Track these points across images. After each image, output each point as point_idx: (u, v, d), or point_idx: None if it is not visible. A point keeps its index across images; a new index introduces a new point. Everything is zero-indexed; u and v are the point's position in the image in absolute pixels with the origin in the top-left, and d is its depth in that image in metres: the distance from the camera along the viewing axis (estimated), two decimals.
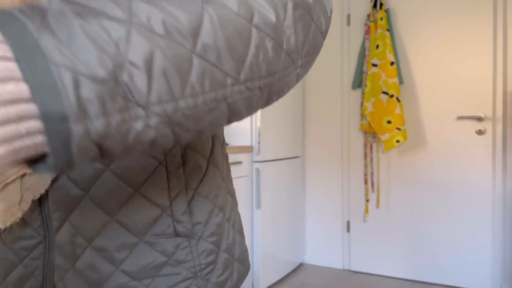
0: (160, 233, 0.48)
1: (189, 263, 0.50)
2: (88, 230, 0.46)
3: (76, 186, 0.46)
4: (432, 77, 2.65)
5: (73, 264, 0.47)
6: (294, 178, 2.89)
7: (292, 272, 2.91)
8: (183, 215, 0.49)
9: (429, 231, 2.66)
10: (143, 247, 0.47)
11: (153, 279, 0.48)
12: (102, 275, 0.46)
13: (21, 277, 0.47)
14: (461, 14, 2.55)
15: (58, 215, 0.47)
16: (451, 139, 2.60)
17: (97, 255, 0.46)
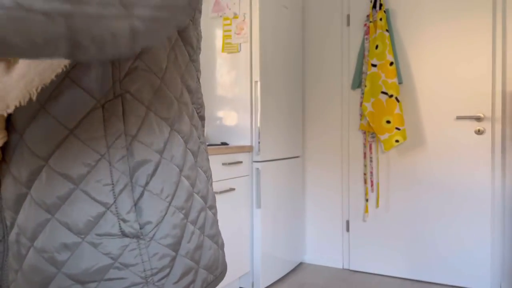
0: (103, 233, 0.44)
1: (138, 267, 0.45)
2: (30, 230, 0.44)
3: (20, 184, 0.44)
4: (432, 77, 2.66)
5: (20, 265, 0.44)
6: (294, 178, 2.90)
7: (292, 271, 2.92)
8: (129, 214, 0.45)
9: (428, 230, 2.67)
10: (86, 248, 0.43)
11: (98, 283, 0.43)
12: (44, 278, 0.43)
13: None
14: (460, 15, 2.56)
15: (8, 214, 0.45)
16: (450, 139, 2.61)
17: (39, 256, 0.43)
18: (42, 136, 0.44)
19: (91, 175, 0.44)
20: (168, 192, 0.48)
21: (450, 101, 2.61)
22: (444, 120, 2.62)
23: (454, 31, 2.58)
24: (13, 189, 0.45)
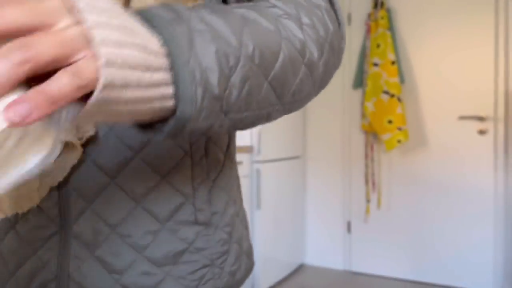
0: (182, 221, 0.49)
1: (207, 251, 0.51)
2: (113, 217, 0.47)
3: (104, 173, 0.47)
4: (434, 77, 2.64)
5: (93, 252, 0.47)
6: (295, 178, 2.88)
7: (293, 273, 2.89)
8: (204, 204, 0.51)
9: (430, 231, 2.65)
10: (166, 234, 0.48)
11: (173, 266, 0.49)
12: (124, 262, 0.47)
13: (34, 269, 0.47)
14: (462, 13, 2.54)
15: (79, 202, 0.47)
16: (453, 139, 2.59)
17: (121, 241, 0.47)
18: (132, 131, 0.47)
19: (176, 169, 0.49)
20: (229, 187, 0.56)
21: (452, 101, 2.59)
22: (446, 120, 2.60)
23: (456, 30, 2.56)
24: (96, 179, 0.46)
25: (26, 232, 0.47)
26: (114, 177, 0.47)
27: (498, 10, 2.45)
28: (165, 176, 0.48)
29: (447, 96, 2.60)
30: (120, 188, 0.47)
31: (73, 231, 0.47)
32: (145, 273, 0.47)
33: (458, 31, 2.56)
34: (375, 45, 2.67)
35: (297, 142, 2.93)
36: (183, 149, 0.49)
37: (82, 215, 0.47)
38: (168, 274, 0.48)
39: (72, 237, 0.47)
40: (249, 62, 0.34)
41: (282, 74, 0.38)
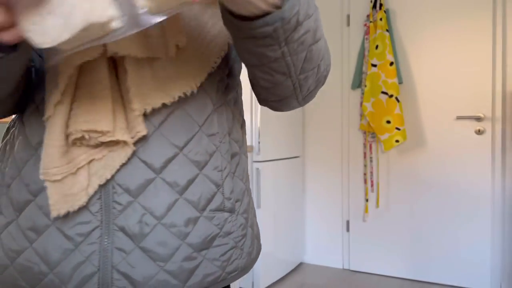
0: (215, 209, 0.55)
1: (233, 234, 0.58)
2: (159, 209, 0.51)
3: (150, 169, 0.51)
4: (432, 77, 2.66)
5: (138, 243, 0.50)
6: (294, 178, 2.90)
7: (292, 271, 2.91)
8: (229, 193, 0.58)
9: (428, 230, 2.67)
10: (203, 221, 0.54)
11: (208, 250, 0.54)
12: (169, 250, 0.51)
13: (77, 263, 0.49)
14: (460, 14, 2.56)
15: (124, 197, 0.50)
16: (451, 139, 2.61)
17: (166, 231, 0.51)
18: (178, 128, 0.53)
19: (210, 163, 0.55)
20: (245, 178, 0.63)
21: (450, 101, 2.61)
22: (444, 120, 2.62)
23: (454, 31, 2.58)
24: (142, 174, 0.50)
25: (68, 228, 0.49)
26: (159, 173, 0.51)
27: (496, 11, 2.47)
28: (202, 168, 0.54)
29: (445, 97, 2.62)
30: (165, 182, 0.52)
31: (117, 225, 0.50)
32: (187, 258, 0.52)
33: (456, 32, 2.58)
34: (373, 46, 2.70)
35: (296, 142, 2.95)
36: (215, 145, 0.56)
37: (127, 209, 0.50)
38: (204, 257, 0.54)
39: (115, 230, 0.50)
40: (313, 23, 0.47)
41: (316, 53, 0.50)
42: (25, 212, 0.51)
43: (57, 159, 0.46)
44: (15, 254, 0.51)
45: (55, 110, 0.47)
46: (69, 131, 0.47)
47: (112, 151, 0.49)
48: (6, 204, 0.53)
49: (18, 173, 0.52)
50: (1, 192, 0.54)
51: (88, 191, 0.49)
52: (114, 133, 0.48)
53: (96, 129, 0.47)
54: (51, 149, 0.46)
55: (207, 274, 0.54)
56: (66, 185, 0.47)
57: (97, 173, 0.49)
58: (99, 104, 0.47)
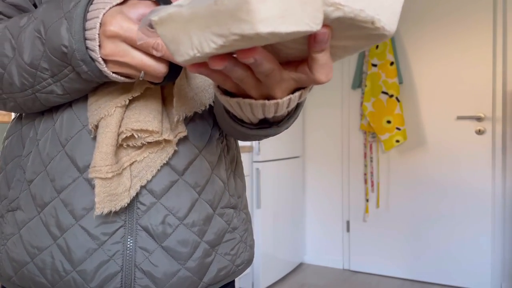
0: (224, 206, 0.58)
1: (239, 229, 0.61)
2: (181, 210, 0.53)
3: (174, 171, 0.53)
4: (432, 77, 2.66)
5: (160, 243, 0.52)
6: (294, 178, 2.89)
7: (292, 272, 2.91)
8: (233, 190, 0.61)
9: (428, 230, 2.66)
10: (216, 218, 0.57)
11: (220, 245, 0.57)
12: (191, 248, 0.54)
13: (101, 262, 0.50)
14: (461, 14, 2.56)
15: (148, 198, 0.52)
16: (451, 139, 2.60)
17: (187, 231, 0.54)
18: (199, 132, 0.56)
19: (219, 162, 0.58)
20: (242, 176, 0.66)
21: (450, 101, 2.60)
22: (444, 120, 2.62)
23: (454, 31, 2.58)
24: (166, 176, 0.52)
25: (93, 227, 0.50)
26: (182, 174, 0.54)
27: (496, 10, 2.47)
28: (213, 168, 0.57)
29: (445, 96, 2.62)
30: (187, 183, 0.54)
31: (141, 225, 0.51)
32: (205, 255, 0.55)
33: (457, 31, 2.57)
34: (374, 46, 2.69)
35: (296, 142, 2.94)
36: (219, 146, 0.59)
37: (151, 210, 0.52)
38: (217, 253, 0.57)
39: (139, 230, 0.51)
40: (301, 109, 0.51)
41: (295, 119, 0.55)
42: (48, 208, 0.51)
43: (110, 157, 0.48)
44: (37, 251, 0.51)
45: (116, 110, 0.49)
46: (121, 130, 0.49)
47: (152, 153, 0.51)
48: (27, 200, 0.53)
49: (43, 169, 0.52)
50: (21, 187, 0.54)
51: (131, 192, 0.50)
52: (161, 133, 0.50)
53: (148, 128, 0.49)
54: (106, 147, 0.48)
55: (220, 269, 0.57)
56: (113, 185, 0.48)
57: (139, 175, 0.51)
58: (150, 106, 0.50)
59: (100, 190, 0.48)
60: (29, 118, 0.56)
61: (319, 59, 0.33)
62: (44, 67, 0.46)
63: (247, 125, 0.48)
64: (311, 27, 0.27)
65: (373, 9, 0.30)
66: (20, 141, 0.56)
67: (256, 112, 0.41)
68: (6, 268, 0.53)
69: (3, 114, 1.79)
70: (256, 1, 0.24)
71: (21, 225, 0.53)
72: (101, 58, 0.43)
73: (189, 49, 0.30)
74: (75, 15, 0.43)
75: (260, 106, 0.39)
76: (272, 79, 0.35)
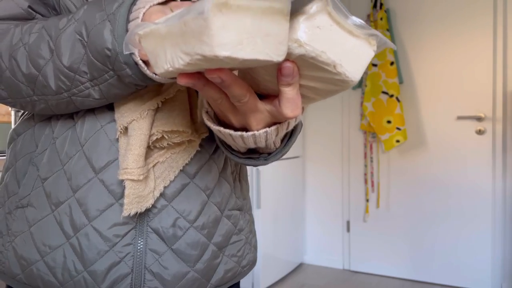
0: (231, 208, 0.59)
1: (244, 231, 0.62)
2: (192, 213, 0.54)
3: (185, 174, 0.54)
4: (432, 77, 2.65)
5: (170, 245, 0.52)
6: (294, 178, 2.89)
7: (292, 272, 2.91)
8: (239, 192, 0.61)
9: (429, 230, 2.66)
10: (224, 221, 0.57)
11: (227, 247, 0.58)
12: (200, 251, 0.54)
13: (112, 264, 0.50)
14: (461, 14, 2.55)
15: (160, 201, 0.52)
16: (451, 139, 2.60)
17: (197, 233, 0.54)
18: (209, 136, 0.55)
19: (225, 165, 0.59)
20: (247, 178, 0.67)
21: (450, 101, 2.60)
22: (444, 120, 2.62)
23: (455, 31, 2.57)
24: (179, 180, 0.53)
25: (105, 229, 0.50)
26: (193, 177, 0.54)
27: (497, 10, 2.47)
28: (221, 171, 0.58)
29: (445, 96, 2.62)
30: (198, 186, 0.54)
31: (152, 227, 0.51)
32: (213, 257, 0.55)
33: (457, 31, 2.57)
34: None
35: (296, 142, 2.94)
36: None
37: (161, 212, 0.52)
38: (224, 255, 0.57)
39: (149, 232, 0.51)
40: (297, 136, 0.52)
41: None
42: (63, 206, 0.51)
43: (142, 160, 0.48)
44: (49, 249, 0.51)
45: (148, 113, 0.49)
46: (152, 132, 0.49)
47: (174, 153, 0.52)
48: (40, 197, 0.52)
49: (60, 167, 0.52)
50: (34, 184, 0.53)
51: (155, 193, 0.50)
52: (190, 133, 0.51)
53: (178, 129, 0.49)
54: (139, 149, 0.48)
55: (227, 270, 0.57)
56: (141, 186, 0.49)
57: (161, 176, 0.51)
58: (178, 107, 0.50)
59: (130, 192, 0.48)
60: (43, 116, 0.56)
61: (286, 93, 0.34)
62: (84, 70, 0.45)
63: (235, 153, 0.48)
64: (271, 57, 0.28)
65: (336, 54, 0.31)
66: (33, 138, 0.56)
67: (238, 141, 0.42)
68: (12, 265, 0.53)
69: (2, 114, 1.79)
70: (217, 26, 0.26)
71: (32, 223, 0.52)
72: (141, 61, 0.42)
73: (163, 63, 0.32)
74: (119, 16, 0.42)
75: (239, 136, 0.41)
76: (246, 107, 0.36)
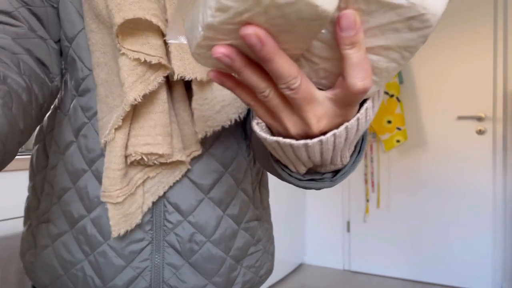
0: (248, 219, 0.57)
1: (263, 241, 0.60)
2: (208, 228, 0.53)
3: (199, 189, 0.52)
4: (432, 77, 2.65)
5: (188, 259, 0.52)
6: None
7: (292, 272, 2.90)
8: (258, 202, 0.60)
9: (429, 230, 2.66)
10: (241, 233, 0.56)
11: (245, 258, 0.57)
12: (217, 265, 0.54)
13: (130, 279, 0.51)
14: (461, 14, 2.56)
15: (175, 216, 0.52)
16: (451, 139, 2.60)
17: (215, 248, 0.53)
18: (224, 149, 0.54)
19: (245, 176, 0.57)
20: (267, 183, 0.65)
21: (451, 101, 2.60)
22: (445, 120, 2.62)
23: (455, 31, 2.58)
24: (192, 194, 0.52)
25: (121, 248, 0.50)
26: (207, 193, 0.53)
27: (497, 11, 2.47)
28: (239, 184, 0.56)
29: (445, 96, 2.61)
30: (212, 201, 0.53)
31: (168, 242, 0.51)
32: (231, 270, 0.55)
33: (457, 31, 2.57)
34: None
35: None
36: (246, 159, 0.58)
37: (177, 227, 0.51)
38: (242, 266, 0.57)
39: (166, 247, 0.51)
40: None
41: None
42: (79, 226, 0.51)
43: (119, 181, 0.47)
44: (70, 265, 0.52)
45: (116, 133, 0.47)
46: (129, 153, 0.47)
47: (166, 169, 0.50)
48: (57, 215, 0.53)
49: (71, 186, 0.52)
50: (50, 201, 0.54)
51: (143, 208, 0.50)
52: (172, 155, 0.49)
53: (158, 152, 0.47)
54: (113, 172, 0.47)
55: (246, 281, 0.57)
56: (126, 205, 0.48)
57: (150, 190, 0.50)
58: (159, 127, 0.47)
59: (114, 213, 0.47)
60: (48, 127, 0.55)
61: (351, 57, 0.26)
62: None
63: (295, 174, 0.39)
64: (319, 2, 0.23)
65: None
66: (44, 152, 0.56)
67: (300, 154, 0.33)
68: (41, 277, 0.54)
69: None
70: None
71: (54, 238, 0.53)
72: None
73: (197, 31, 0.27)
74: None
75: (302, 146, 0.31)
76: (300, 95, 0.28)
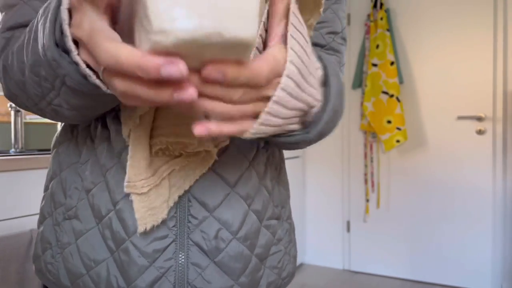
0: (269, 217, 0.55)
1: (283, 241, 0.58)
2: (234, 224, 0.50)
3: (225, 183, 0.50)
4: (432, 77, 2.65)
5: (213, 258, 0.49)
6: (294, 178, 2.89)
7: None
8: (278, 200, 0.58)
9: (429, 230, 2.66)
10: (264, 231, 0.54)
11: (267, 258, 0.54)
12: (244, 264, 0.51)
13: (153, 280, 0.48)
14: (461, 14, 2.55)
15: (201, 212, 0.49)
16: (451, 139, 2.60)
17: (241, 245, 0.51)
18: (248, 141, 0.52)
19: (266, 172, 0.55)
20: (287, 185, 0.63)
21: (451, 101, 2.60)
22: (445, 120, 2.61)
23: (455, 31, 2.57)
24: (219, 189, 0.50)
25: (145, 245, 0.48)
26: (233, 186, 0.51)
27: (497, 10, 2.46)
28: (261, 179, 0.54)
29: (445, 96, 2.61)
30: (239, 195, 0.51)
31: (192, 240, 0.48)
32: (256, 270, 0.52)
33: (457, 31, 2.57)
34: (374, 46, 2.69)
35: None
36: (266, 154, 0.56)
37: (202, 224, 0.49)
38: (266, 266, 0.54)
39: (190, 245, 0.48)
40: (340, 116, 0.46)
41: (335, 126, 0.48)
42: (105, 220, 0.49)
43: (144, 170, 0.45)
44: (93, 263, 0.49)
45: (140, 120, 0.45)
46: (154, 142, 0.46)
47: (192, 161, 0.48)
48: (85, 209, 0.50)
49: (101, 180, 0.50)
50: (79, 196, 0.51)
51: (169, 203, 0.47)
52: (197, 144, 0.46)
53: (184, 141, 0.45)
54: (137, 161, 0.45)
55: (269, 283, 0.54)
56: (151, 198, 0.46)
57: (176, 184, 0.48)
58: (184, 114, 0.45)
59: (139, 205, 0.45)
60: (83, 124, 0.53)
61: None
62: (43, 75, 0.39)
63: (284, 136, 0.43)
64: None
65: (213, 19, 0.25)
66: (77, 148, 0.53)
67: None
68: (62, 277, 0.51)
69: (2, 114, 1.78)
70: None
71: (78, 235, 0.50)
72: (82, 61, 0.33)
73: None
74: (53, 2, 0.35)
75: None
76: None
